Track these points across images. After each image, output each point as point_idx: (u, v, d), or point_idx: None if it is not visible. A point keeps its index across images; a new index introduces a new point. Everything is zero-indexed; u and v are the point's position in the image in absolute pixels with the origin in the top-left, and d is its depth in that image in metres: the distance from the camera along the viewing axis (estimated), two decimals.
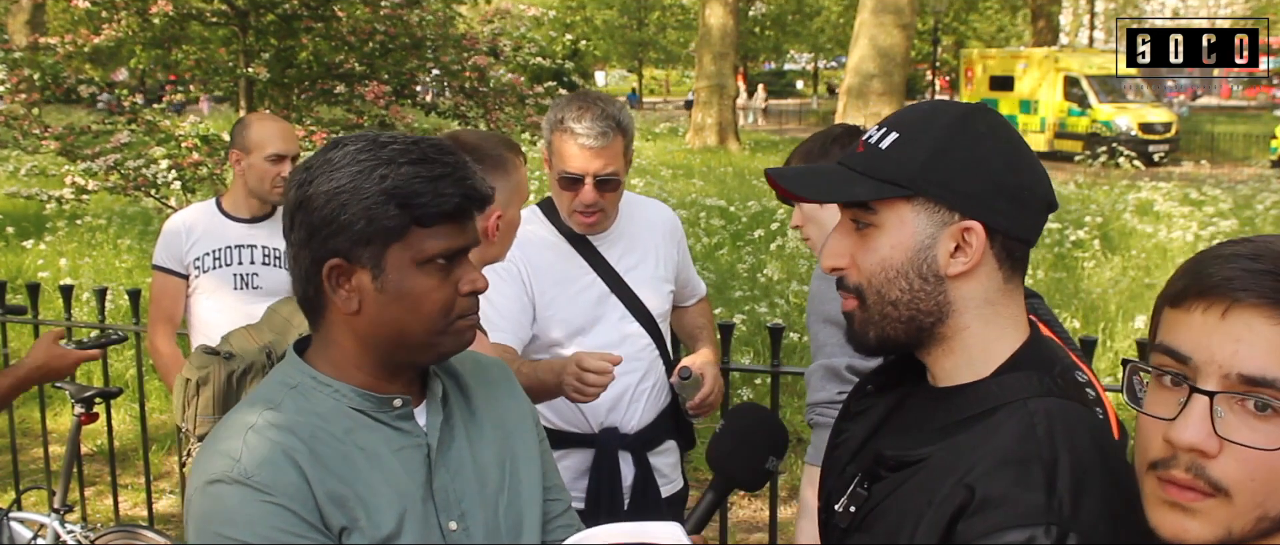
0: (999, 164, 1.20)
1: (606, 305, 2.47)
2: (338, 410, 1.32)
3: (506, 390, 1.52)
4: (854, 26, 18.00)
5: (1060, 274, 8.57)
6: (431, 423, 1.38)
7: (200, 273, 3.16)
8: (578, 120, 2.32)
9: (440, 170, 1.27)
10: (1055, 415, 1.15)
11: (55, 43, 6.57)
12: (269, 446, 1.26)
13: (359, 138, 1.31)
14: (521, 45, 8.49)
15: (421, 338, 1.32)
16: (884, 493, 1.21)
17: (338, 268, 1.28)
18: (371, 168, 1.26)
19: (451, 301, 1.31)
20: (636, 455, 2.54)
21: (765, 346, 5.82)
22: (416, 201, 1.26)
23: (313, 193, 1.27)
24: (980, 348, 1.22)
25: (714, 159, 20.39)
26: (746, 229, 10.23)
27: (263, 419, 1.29)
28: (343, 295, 1.30)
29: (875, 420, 1.35)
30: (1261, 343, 0.89)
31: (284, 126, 3.27)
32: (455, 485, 1.36)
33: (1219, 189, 12.49)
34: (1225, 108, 35.84)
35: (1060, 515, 1.06)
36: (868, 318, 1.24)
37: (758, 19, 39.54)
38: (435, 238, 1.28)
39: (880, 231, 1.21)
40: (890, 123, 1.25)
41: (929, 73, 33.85)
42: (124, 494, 4.52)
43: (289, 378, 1.36)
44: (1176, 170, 19.04)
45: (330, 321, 1.34)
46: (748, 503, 4.84)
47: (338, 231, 1.26)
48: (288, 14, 6.39)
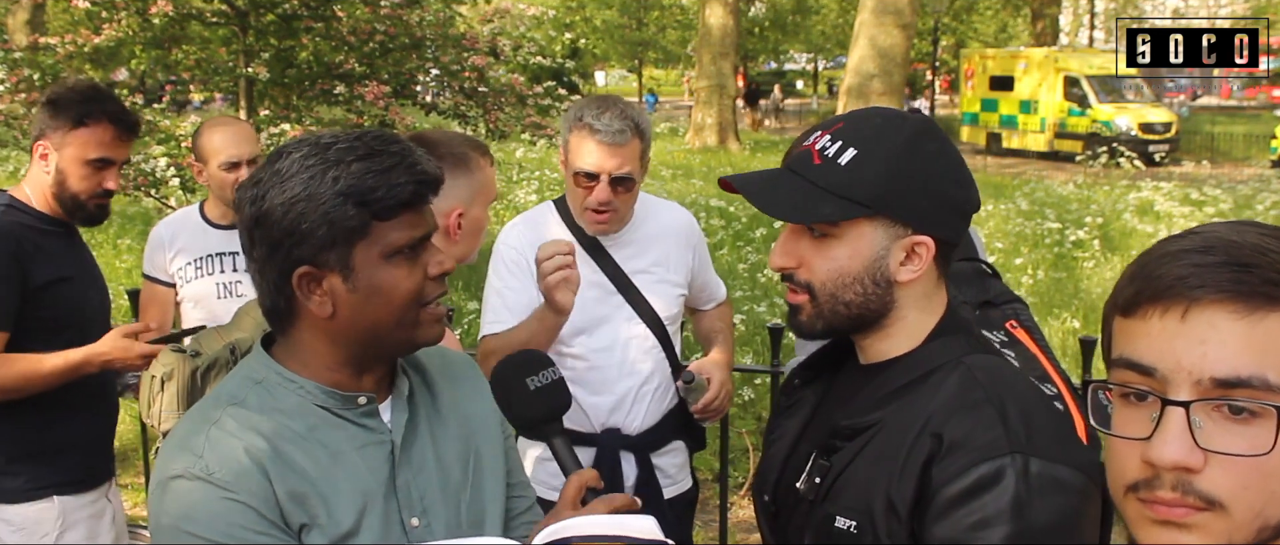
0: (948, 183, 1.33)
1: (611, 306, 2.48)
2: (302, 407, 1.33)
3: (472, 386, 1.53)
4: (853, 26, 17.99)
5: (1060, 274, 8.57)
6: (396, 420, 1.39)
7: (184, 282, 3.10)
8: (597, 118, 2.35)
9: (389, 161, 1.28)
10: (989, 368, 1.30)
11: (55, 43, 6.57)
12: (232, 444, 1.27)
13: (301, 143, 1.31)
14: (521, 45, 8.49)
15: (396, 330, 1.33)
16: (845, 461, 1.31)
17: (307, 275, 1.29)
18: (322, 171, 1.26)
19: (421, 287, 1.33)
20: (639, 456, 2.54)
21: (765, 346, 5.82)
22: (373, 197, 1.26)
23: (268, 207, 1.27)
24: (913, 327, 1.35)
25: (714, 159, 20.39)
26: (747, 229, 10.23)
27: (227, 415, 1.30)
28: (316, 301, 1.30)
29: (808, 409, 1.47)
30: (1229, 341, 0.82)
31: (238, 131, 3.13)
32: (418, 482, 1.38)
33: (1219, 189, 12.49)
34: (1225, 108, 35.83)
35: (1019, 443, 1.19)
36: (818, 312, 1.36)
37: (757, 19, 39.52)
38: (397, 229, 1.29)
39: (839, 242, 1.32)
40: (844, 136, 1.32)
41: (929, 73, 33.84)
42: (124, 494, 4.51)
43: (254, 373, 1.36)
44: (1177, 170, 19.03)
45: (300, 327, 1.34)
46: (748, 503, 4.84)
47: (301, 240, 1.27)
48: (288, 14, 6.39)
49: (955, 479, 1.18)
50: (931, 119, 1.39)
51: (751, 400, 5.57)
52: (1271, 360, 0.82)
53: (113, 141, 2.54)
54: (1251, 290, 0.82)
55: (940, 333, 1.34)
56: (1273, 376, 0.82)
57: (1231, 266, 0.83)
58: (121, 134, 2.56)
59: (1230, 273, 0.82)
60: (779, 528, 1.44)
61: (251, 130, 3.16)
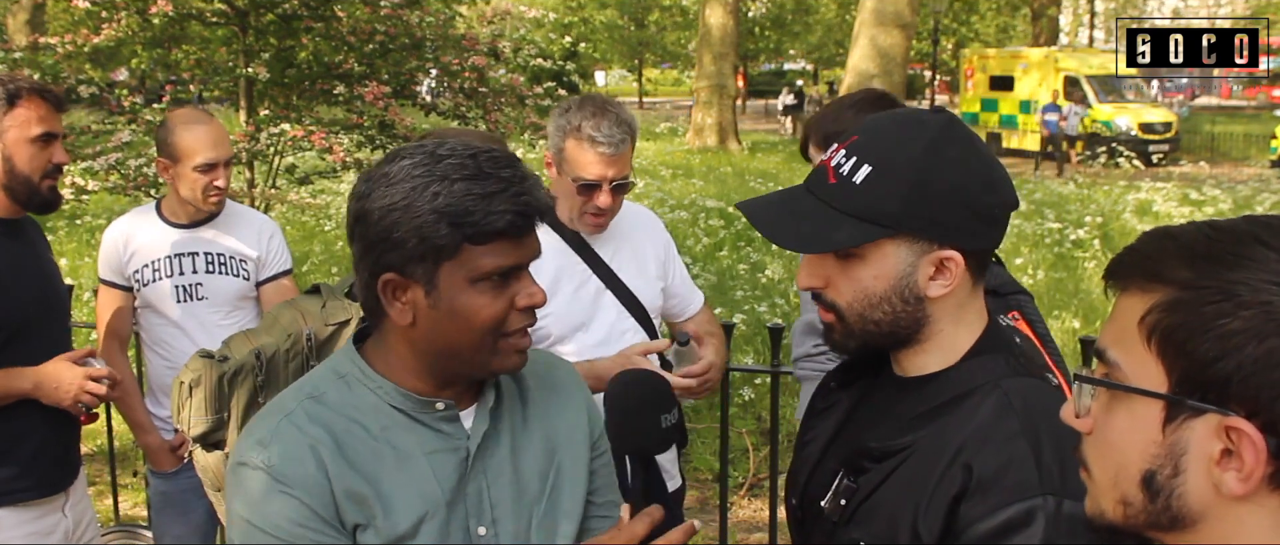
0: (975, 188, 1.24)
1: (603, 301, 2.52)
2: (377, 407, 1.34)
3: (567, 398, 1.51)
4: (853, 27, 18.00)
5: (1060, 274, 8.57)
6: (476, 428, 1.38)
7: (141, 285, 2.94)
8: (596, 128, 2.36)
9: (494, 187, 1.26)
10: (1026, 393, 1.23)
11: (55, 43, 6.55)
12: (296, 438, 1.30)
13: (418, 150, 1.30)
14: (521, 46, 8.48)
15: (472, 354, 1.32)
16: (872, 484, 1.26)
17: (392, 282, 1.30)
18: (426, 184, 1.25)
19: (504, 316, 1.31)
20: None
21: (765, 346, 5.82)
22: (468, 220, 1.25)
23: (369, 207, 1.28)
24: (950, 341, 1.28)
25: (714, 159, 20.39)
26: (747, 229, 10.23)
27: (300, 408, 1.33)
28: (398, 308, 1.31)
29: (842, 414, 1.41)
30: (1114, 318, 0.89)
31: (212, 130, 2.92)
32: (492, 492, 1.37)
33: (1219, 189, 12.50)
34: (1225, 108, 35.82)
35: (1053, 485, 1.13)
36: (847, 331, 1.29)
37: (757, 19, 39.53)
38: (489, 255, 1.28)
39: (862, 263, 1.25)
40: (860, 149, 1.25)
41: (929, 73, 33.82)
42: (124, 494, 4.52)
43: (340, 366, 1.38)
44: (1176, 170, 19.03)
45: (387, 328, 1.36)
46: (748, 503, 4.84)
47: (392, 248, 1.27)
48: (288, 14, 6.38)
49: (985, 518, 1.14)
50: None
51: (751, 400, 5.58)
52: (1112, 335, 0.89)
53: (50, 114, 2.44)
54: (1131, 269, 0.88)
55: (979, 351, 1.28)
56: (1110, 350, 0.88)
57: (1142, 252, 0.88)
58: (53, 106, 2.46)
59: (1139, 258, 0.88)
60: (804, 534, 1.41)
61: (224, 129, 3.01)
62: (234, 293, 2.99)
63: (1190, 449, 0.83)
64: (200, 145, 2.86)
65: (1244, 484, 0.80)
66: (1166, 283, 0.84)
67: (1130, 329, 0.86)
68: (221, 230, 2.99)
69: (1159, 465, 0.84)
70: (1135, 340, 0.86)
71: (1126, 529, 0.88)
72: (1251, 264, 0.81)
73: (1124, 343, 0.87)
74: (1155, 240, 0.88)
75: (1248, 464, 0.79)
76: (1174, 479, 0.84)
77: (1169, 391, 0.84)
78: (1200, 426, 0.82)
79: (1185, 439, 0.83)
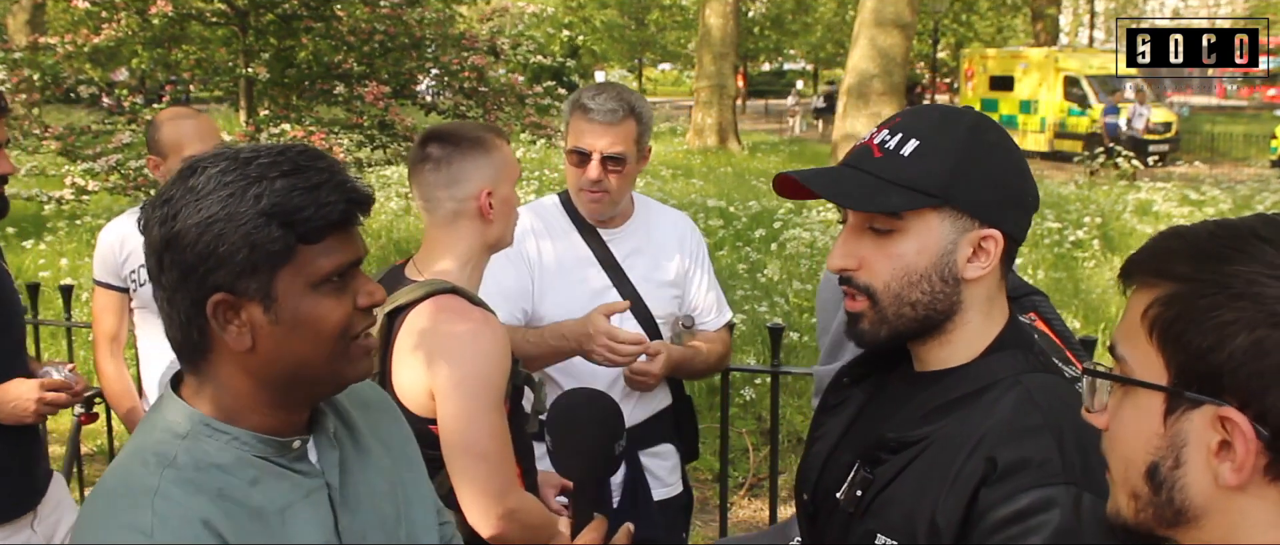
0: (1012, 174, 1.28)
1: (605, 297, 2.49)
2: (240, 460, 1.18)
3: (384, 411, 1.42)
4: (853, 27, 18.01)
5: (1060, 274, 8.57)
6: (326, 460, 1.26)
7: (137, 286, 2.91)
8: (592, 99, 2.40)
9: (317, 178, 1.15)
10: (1048, 388, 1.24)
11: (55, 43, 6.56)
12: (182, 516, 1.11)
13: (217, 157, 1.17)
14: (520, 42, 8.48)
15: (324, 366, 1.20)
16: (888, 475, 1.26)
17: (224, 303, 1.15)
18: (242, 188, 1.12)
19: (349, 319, 1.20)
20: (627, 453, 2.53)
21: (765, 346, 5.82)
22: (299, 216, 1.13)
23: (180, 228, 1.13)
24: (974, 334, 1.29)
25: (714, 159, 20.38)
26: (747, 229, 10.22)
27: (165, 481, 1.13)
28: (233, 333, 1.16)
29: (855, 409, 1.42)
30: (1124, 314, 0.91)
31: (198, 125, 2.91)
32: (357, 524, 1.26)
33: (1219, 189, 12.50)
34: (1225, 108, 35.80)
35: (1074, 475, 1.14)
36: (881, 316, 1.29)
37: (757, 19, 39.52)
38: (326, 254, 1.17)
39: (905, 237, 1.26)
40: (904, 128, 1.28)
41: (929, 73, 33.81)
42: None
43: (176, 426, 1.19)
44: (1176, 170, 19.03)
45: (216, 362, 1.19)
46: (748, 503, 4.84)
47: (217, 265, 1.13)
48: (288, 14, 6.39)
49: (1004, 503, 1.15)
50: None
51: (752, 400, 5.57)
52: (1122, 331, 0.91)
53: None
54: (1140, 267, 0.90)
55: (1000, 346, 1.29)
56: (1120, 346, 0.91)
57: (1152, 250, 0.90)
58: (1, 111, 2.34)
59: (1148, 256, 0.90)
60: (817, 529, 1.40)
61: (214, 125, 2.97)
62: None
63: (1190, 440, 0.84)
64: (185, 139, 2.84)
65: (1237, 474, 0.81)
66: (1169, 278, 0.86)
67: (1135, 324, 0.88)
68: None
69: (1161, 457, 0.86)
70: (1140, 335, 0.87)
71: (1139, 528, 0.89)
72: (1247, 257, 0.82)
73: (1131, 338, 0.89)
74: (1165, 238, 0.90)
75: (1239, 454, 0.81)
76: (1176, 471, 0.85)
77: (1168, 384, 0.85)
78: (1198, 418, 0.83)
79: (1185, 431, 0.84)
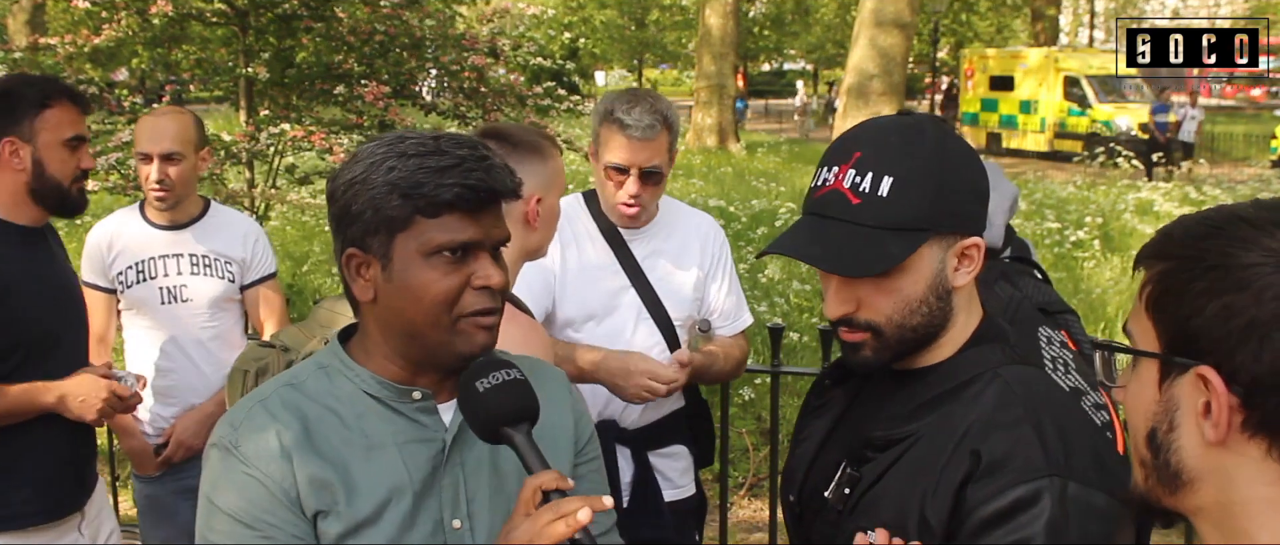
0: (979, 180, 1.32)
1: (623, 298, 2.50)
2: (354, 395, 1.35)
3: (552, 400, 1.47)
4: (853, 27, 18.01)
5: (1060, 274, 8.56)
6: (455, 421, 1.37)
7: (124, 288, 2.90)
8: (627, 113, 2.39)
9: (448, 162, 1.28)
10: (1026, 380, 1.28)
11: (55, 43, 6.54)
12: (264, 421, 1.32)
13: (385, 138, 1.34)
14: (520, 43, 8.48)
15: (429, 333, 1.31)
16: (876, 472, 1.28)
17: (353, 257, 1.32)
18: (383, 160, 1.29)
19: (456, 295, 1.30)
20: (636, 454, 2.53)
21: (765, 346, 5.82)
22: (418, 192, 1.27)
23: (335, 185, 1.33)
24: (957, 331, 1.32)
25: (714, 159, 20.38)
26: (747, 229, 10.23)
27: (276, 394, 1.35)
28: (360, 284, 1.33)
29: (838, 409, 1.44)
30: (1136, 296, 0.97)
31: (160, 122, 2.86)
32: (468, 485, 1.37)
33: (1219, 189, 12.50)
34: (1225, 108, 35.78)
35: (1057, 466, 1.18)
36: (883, 346, 1.30)
37: (757, 19, 39.52)
38: (442, 229, 1.29)
39: (902, 272, 1.27)
40: (872, 165, 1.25)
41: (928, 74, 33.80)
42: (124, 494, 4.51)
43: (323, 358, 1.40)
44: (1176, 170, 19.01)
45: (363, 315, 1.38)
46: (748, 503, 4.84)
47: (351, 221, 1.31)
48: (288, 14, 6.37)
49: (991, 500, 1.17)
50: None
51: (751, 400, 5.57)
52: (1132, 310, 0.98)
53: (79, 117, 2.43)
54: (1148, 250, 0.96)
55: (978, 339, 1.32)
56: (1129, 323, 0.98)
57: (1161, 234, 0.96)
58: (82, 109, 2.45)
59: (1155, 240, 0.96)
60: (803, 530, 1.42)
61: (183, 125, 2.89)
62: (218, 295, 2.95)
63: (1181, 404, 0.90)
64: (141, 135, 2.87)
65: (1216, 430, 0.86)
66: (1164, 258, 0.93)
67: (1138, 302, 0.95)
68: (206, 232, 2.96)
69: (1158, 422, 0.92)
70: (1140, 311, 0.95)
71: (1149, 497, 0.94)
72: (1226, 235, 0.88)
73: (1135, 315, 0.96)
74: (1170, 225, 0.96)
75: (1215, 411, 0.87)
76: (1171, 434, 0.91)
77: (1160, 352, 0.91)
78: (1186, 382, 0.90)
79: (1177, 396, 0.91)
